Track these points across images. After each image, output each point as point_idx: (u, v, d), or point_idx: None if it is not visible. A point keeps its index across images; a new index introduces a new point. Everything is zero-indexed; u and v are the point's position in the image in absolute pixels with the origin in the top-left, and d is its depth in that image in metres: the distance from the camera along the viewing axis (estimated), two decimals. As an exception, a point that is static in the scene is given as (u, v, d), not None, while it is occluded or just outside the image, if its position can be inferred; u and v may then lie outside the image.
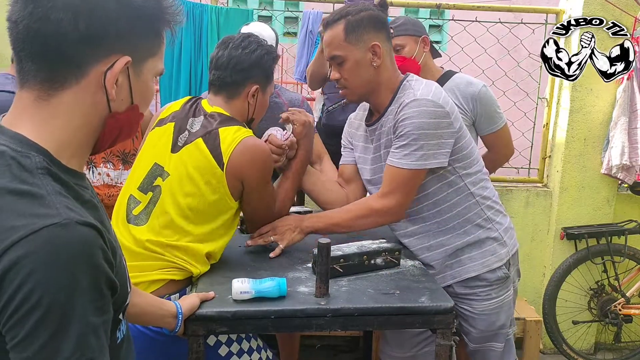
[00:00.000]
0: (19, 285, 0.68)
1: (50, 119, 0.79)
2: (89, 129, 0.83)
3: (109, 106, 0.82)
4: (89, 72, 0.79)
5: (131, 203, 1.61)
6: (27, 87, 0.79)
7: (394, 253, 1.67)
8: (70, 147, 0.81)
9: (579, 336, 3.22)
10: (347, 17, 1.65)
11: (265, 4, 4.95)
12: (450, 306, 1.41)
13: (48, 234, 0.69)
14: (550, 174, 3.30)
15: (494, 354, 1.85)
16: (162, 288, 1.51)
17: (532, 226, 3.25)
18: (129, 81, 0.83)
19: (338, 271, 1.56)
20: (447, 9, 3.27)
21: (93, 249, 0.73)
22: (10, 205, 0.72)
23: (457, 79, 2.18)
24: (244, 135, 1.57)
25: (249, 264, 1.66)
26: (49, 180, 0.76)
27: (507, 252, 1.80)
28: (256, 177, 1.59)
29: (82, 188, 0.83)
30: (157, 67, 0.88)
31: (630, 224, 3.08)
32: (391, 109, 1.70)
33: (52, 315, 0.68)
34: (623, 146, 2.92)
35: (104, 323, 0.75)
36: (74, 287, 0.70)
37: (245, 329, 1.45)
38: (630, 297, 3.07)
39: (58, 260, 0.69)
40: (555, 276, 3.10)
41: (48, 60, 0.77)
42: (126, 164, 2.53)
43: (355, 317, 1.40)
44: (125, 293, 0.87)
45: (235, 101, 1.66)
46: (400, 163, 1.63)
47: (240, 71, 1.63)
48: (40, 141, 0.78)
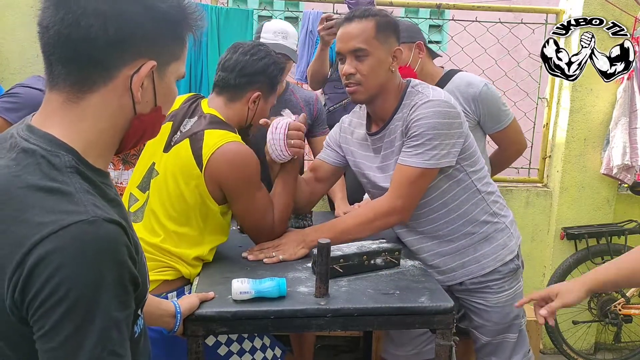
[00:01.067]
0: (47, 278, 0.70)
1: (79, 120, 0.82)
2: (115, 130, 0.86)
3: (135, 108, 0.85)
4: (117, 76, 0.82)
5: (131, 201, 1.64)
6: (56, 89, 0.82)
7: (393, 253, 1.67)
8: (97, 147, 0.84)
9: (579, 336, 3.22)
10: (377, 17, 1.64)
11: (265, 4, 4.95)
12: (450, 306, 1.41)
13: (76, 230, 0.72)
14: (550, 174, 3.30)
15: (508, 344, 1.86)
16: (156, 289, 1.52)
17: (532, 226, 3.25)
18: (153, 84, 0.86)
19: (338, 271, 1.55)
20: (447, 9, 3.26)
21: (119, 245, 0.76)
22: (39, 201, 0.74)
23: (457, 79, 2.15)
24: (228, 139, 1.55)
25: (249, 264, 1.66)
26: (77, 178, 0.79)
27: (515, 244, 1.84)
28: (235, 183, 1.56)
29: (107, 186, 0.86)
30: (179, 70, 0.91)
31: (630, 224, 3.08)
32: (398, 116, 1.69)
33: (78, 308, 0.71)
34: (624, 146, 2.91)
35: (126, 318, 0.78)
36: (100, 282, 0.73)
37: (245, 329, 1.45)
38: (630, 297, 3.06)
39: (85, 256, 0.72)
40: (555, 276, 3.10)
41: (78, 64, 0.80)
42: (126, 164, 2.53)
43: (355, 317, 1.40)
44: (145, 289, 0.90)
45: (235, 104, 1.67)
46: (412, 162, 1.62)
47: (245, 75, 1.65)
48: (69, 141, 0.81)
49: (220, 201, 1.59)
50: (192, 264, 1.59)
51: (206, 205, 1.57)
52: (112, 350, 0.74)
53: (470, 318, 1.87)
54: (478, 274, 1.79)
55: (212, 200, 1.57)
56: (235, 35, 2.96)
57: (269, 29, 2.32)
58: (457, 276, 1.80)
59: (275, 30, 2.31)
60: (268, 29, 2.33)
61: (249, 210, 1.63)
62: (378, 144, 1.76)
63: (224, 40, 2.95)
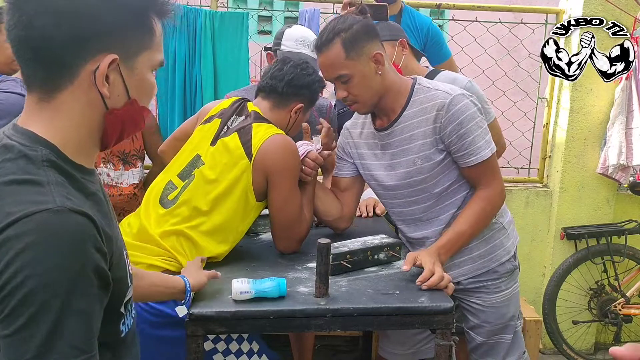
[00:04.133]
0: (7, 264, 0.70)
1: (53, 118, 0.83)
2: (90, 125, 0.85)
3: (105, 103, 0.84)
4: (79, 73, 0.81)
5: (168, 188, 1.71)
6: (30, 90, 0.84)
7: (395, 248, 1.71)
8: (75, 143, 0.84)
9: (579, 336, 3.22)
10: (341, 35, 1.61)
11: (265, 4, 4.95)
12: (450, 306, 1.41)
13: (40, 218, 0.72)
14: (550, 174, 3.30)
15: (503, 345, 1.86)
16: None
17: (532, 226, 3.25)
18: (121, 77, 0.84)
19: (346, 267, 1.58)
20: (447, 9, 3.27)
21: (84, 235, 0.75)
22: (11, 193, 0.75)
23: (442, 77, 2.12)
24: (276, 131, 1.68)
25: (249, 264, 1.67)
26: (52, 171, 0.79)
27: (513, 244, 1.84)
28: (282, 172, 1.65)
29: (88, 181, 0.86)
30: (153, 59, 0.88)
31: (630, 224, 3.08)
32: (410, 113, 1.69)
33: (34, 296, 0.70)
34: (621, 146, 2.91)
35: (91, 312, 0.76)
36: (60, 270, 0.72)
37: (245, 329, 1.45)
38: (630, 297, 3.06)
39: (46, 244, 0.72)
40: (555, 276, 3.10)
41: (40, 65, 0.80)
42: (126, 164, 2.53)
43: (354, 317, 1.40)
44: (123, 285, 0.88)
45: (280, 111, 1.79)
46: (482, 156, 1.65)
47: (294, 87, 1.78)
48: (48, 137, 0.82)
49: (260, 196, 1.67)
50: None
51: (246, 201, 1.65)
52: (70, 342, 0.72)
53: (466, 318, 1.87)
54: (474, 273, 1.79)
55: (252, 194, 1.65)
56: (231, 39, 2.95)
57: (291, 37, 2.28)
58: (453, 275, 1.78)
59: (297, 38, 2.28)
60: (290, 36, 2.28)
61: (287, 202, 1.69)
62: (386, 140, 1.75)
63: (219, 44, 2.95)
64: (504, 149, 2.33)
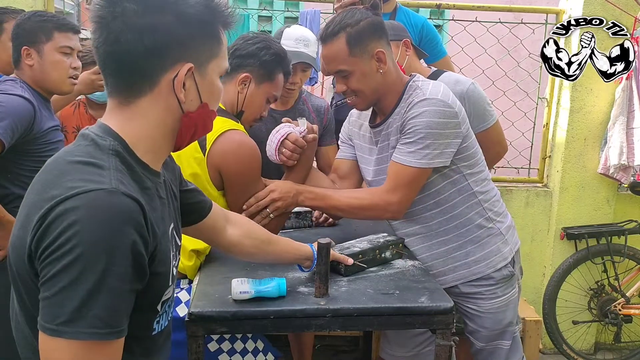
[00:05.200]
0: (60, 232, 0.78)
1: (130, 119, 0.93)
2: (164, 128, 0.95)
3: (181, 107, 0.94)
4: (159, 81, 0.91)
5: None
6: (112, 95, 0.94)
7: (398, 245, 1.72)
8: (146, 142, 0.94)
9: (579, 336, 3.22)
10: (347, 29, 1.60)
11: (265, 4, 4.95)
12: (450, 306, 1.41)
13: (94, 196, 0.81)
14: (550, 174, 3.30)
15: (501, 351, 1.85)
16: None
17: (532, 226, 3.25)
18: (195, 83, 0.94)
19: (361, 267, 1.58)
20: (447, 9, 3.27)
21: (129, 216, 0.82)
22: (75, 171, 0.85)
23: (445, 78, 2.13)
24: (230, 127, 1.60)
25: (249, 264, 1.66)
26: (115, 159, 0.88)
27: (510, 250, 1.81)
28: (237, 172, 1.59)
29: (147, 178, 0.94)
30: (221, 66, 0.99)
31: (630, 224, 3.08)
32: (398, 110, 1.69)
33: (78, 264, 0.77)
34: (622, 146, 2.91)
35: (122, 289, 0.81)
36: (102, 244, 0.78)
37: (245, 329, 1.45)
38: (630, 297, 3.07)
39: (96, 218, 0.79)
40: (555, 276, 3.10)
41: (124, 75, 0.91)
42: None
43: (355, 317, 1.39)
44: (165, 284, 0.93)
45: (227, 86, 1.69)
46: (405, 160, 1.63)
47: (237, 57, 1.70)
48: (121, 133, 0.92)
49: (220, 187, 1.63)
50: (189, 256, 1.60)
51: (207, 191, 1.59)
52: (98, 314, 0.78)
53: (465, 322, 1.86)
54: (468, 278, 1.78)
55: (212, 185, 1.61)
56: (232, 39, 2.95)
57: (290, 36, 2.27)
58: (447, 280, 1.79)
59: (296, 37, 2.26)
60: (289, 35, 2.27)
61: (240, 199, 1.65)
62: (377, 137, 1.78)
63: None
64: (505, 150, 2.33)
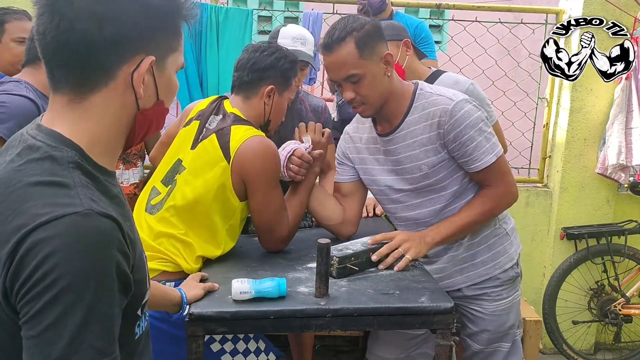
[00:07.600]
0: (36, 266, 0.71)
1: (83, 119, 0.84)
2: (119, 126, 0.87)
3: (138, 104, 0.87)
4: (117, 75, 0.83)
5: (152, 194, 1.70)
6: (59, 92, 0.84)
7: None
8: (101, 144, 0.86)
9: (579, 336, 3.22)
10: (354, 34, 1.57)
11: (265, 4, 4.95)
12: (450, 306, 1.41)
13: (69, 221, 0.73)
14: (550, 174, 3.30)
15: (500, 354, 1.84)
16: (155, 277, 1.54)
17: (532, 226, 3.25)
18: (154, 78, 0.87)
19: (352, 269, 1.57)
20: (447, 9, 3.27)
21: (110, 238, 0.77)
22: (38, 194, 0.76)
23: (445, 78, 2.13)
24: (254, 134, 1.64)
25: (249, 264, 1.66)
26: (77, 173, 0.80)
27: (515, 251, 1.82)
28: (260, 174, 1.62)
29: (110, 184, 0.87)
30: (178, 61, 0.92)
31: (630, 224, 3.08)
32: (412, 119, 1.67)
33: (62, 298, 0.71)
34: (620, 146, 2.91)
35: (114, 315, 0.77)
36: (87, 274, 0.73)
37: (245, 329, 1.45)
38: (630, 297, 3.07)
39: (74, 247, 0.73)
40: (555, 276, 3.10)
41: (77, 67, 0.82)
42: (127, 164, 2.53)
43: (354, 317, 1.39)
44: (143, 288, 0.89)
45: (252, 101, 1.73)
46: (486, 161, 1.63)
47: (257, 71, 1.71)
48: (74, 138, 0.83)
49: (242, 197, 1.65)
50: (196, 261, 1.62)
51: (228, 202, 1.63)
52: (93, 345, 0.73)
53: (464, 325, 1.83)
54: (476, 280, 1.77)
55: (234, 195, 1.63)
56: (235, 35, 2.95)
57: (287, 35, 2.25)
58: (455, 282, 1.78)
59: (293, 36, 2.25)
60: (286, 34, 2.26)
61: (265, 205, 1.66)
62: (389, 146, 1.73)
63: (223, 40, 2.94)
64: (505, 150, 2.33)
